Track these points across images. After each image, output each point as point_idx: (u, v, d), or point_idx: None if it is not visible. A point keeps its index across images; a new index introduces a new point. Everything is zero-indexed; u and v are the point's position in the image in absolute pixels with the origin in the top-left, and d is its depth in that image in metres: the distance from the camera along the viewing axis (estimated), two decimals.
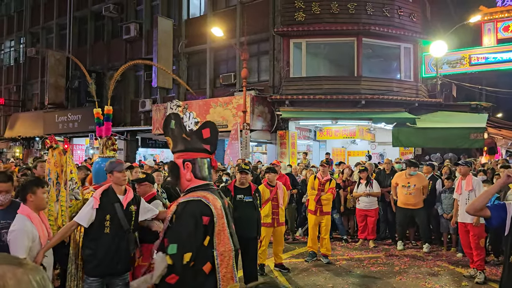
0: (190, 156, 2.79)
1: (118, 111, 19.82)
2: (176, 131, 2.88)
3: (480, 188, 6.46)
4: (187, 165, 2.74)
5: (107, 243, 3.65)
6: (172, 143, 2.88)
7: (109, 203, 3.70)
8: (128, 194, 3.87)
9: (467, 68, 15.49)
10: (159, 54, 17.05)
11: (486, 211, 2.84)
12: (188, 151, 2.81)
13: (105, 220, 3.66)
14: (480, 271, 6.30)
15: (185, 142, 2.85)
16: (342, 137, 16.41)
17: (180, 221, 2.55)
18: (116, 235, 3.69)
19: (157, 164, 12.21)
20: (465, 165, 6.72)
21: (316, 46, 15.67)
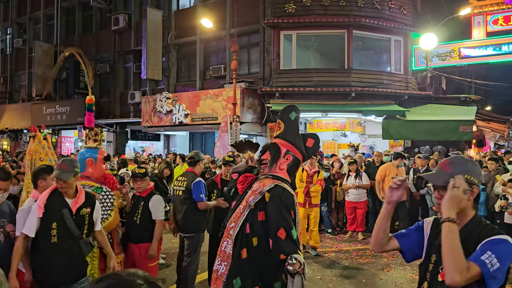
0: (293, 152, 3.00)
1: (107, 103, 19.65)
2: (294, 123, 3.08)
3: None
4: (288, 157, 2.97)
5: (55, 253, 3.27)
6: (283, 128, 3.05)
7: (55, 209, 3.31)
8: (79, 196, 3.45)
9: (457, 61, 15.53)
10: (148, 45, 16.86)
11: (393, 243, 2.14)
12: (295, 146, 3.02)
13: (51, 228, 3.28)
14: None
15: (296, 137, 3.05)
16: (332, 130, 16.40)
17: (282, 208, 2.75)
18: (66, 244, 3.31)
19: (147, 157, 12.11)
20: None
21: (306, 38, 15.59)
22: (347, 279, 6.06)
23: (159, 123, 16.18)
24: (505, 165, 8.09)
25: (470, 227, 1.88)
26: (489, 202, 7.44)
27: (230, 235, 2.84)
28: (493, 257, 1.70)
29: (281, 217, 2.72)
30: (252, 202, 2.81)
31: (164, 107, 15.83)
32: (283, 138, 3.01)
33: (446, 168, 1.95)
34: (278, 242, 2.67)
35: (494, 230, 1.84)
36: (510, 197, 6.89)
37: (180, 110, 15.42)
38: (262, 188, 2.81)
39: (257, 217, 2.79)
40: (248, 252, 2.75)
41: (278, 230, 2.68)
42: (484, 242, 1.77)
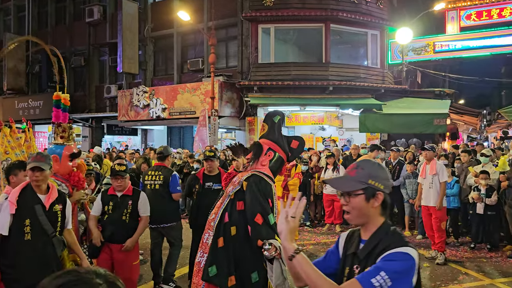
0: (275, 149, 3.11)
1: (82, 97, 19.23)
2: (277, 125, 3.20)
3: (443, 172, 6.60)
4: (269, 153, 3.09)
5: (28, 252, 3.18)
6: (267, 130, 3.19)
7: (27, 205, 3.22)
8: (52, 192, 3.37)
9: (431, 55, 15.82)
10: (124, 38, 16.54)
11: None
12: (277, 144, 3.14)
13: (24, 225, 3.17)
14: (440, 253, 6.50)
15: (279, 137, 3.18)
16: (310, 123, 16.50)
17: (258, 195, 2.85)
18: (39, 241, 3.23)
19: (122, 152, 11.92)
20: (430, 150, 6.82)
21: (284, 32, 15.59)
22: None
23: (136, 118, 15.95)
24: (477, 157, 8.30)
25: (377, 236, 1.71)
26: (462, 193, 7.63)
27: (211, 226, 2.92)
28: (386, 278, 1.51)
29: (257, 203, 2.81)
30: (231, 192, 2.93)
31: (141, 101, 15.60)
32: (266, 138, 3.15)
33: (351, 172, 1.79)
34: (256, 227, 2.75)
35: (400, 241, 1.66)
36: (482, 188, 7.09)
37: (158, 104, 15.22)
38: (240, 178, 2.95)
39: (236, 206, 2.89)
40: (224, 241, 2.84)
41: (255, 216, 2.77)
42: (383, 257, 1.59)
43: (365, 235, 1.76)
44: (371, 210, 1.74)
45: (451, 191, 7.55)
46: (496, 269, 6.16)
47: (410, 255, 1.58)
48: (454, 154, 9.08)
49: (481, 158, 7.72)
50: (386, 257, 1.58)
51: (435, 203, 6.52)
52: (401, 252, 1.59)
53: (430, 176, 6.66)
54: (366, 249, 1.71)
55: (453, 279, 5.73)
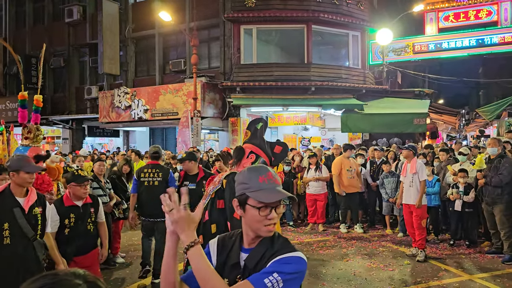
0: (258, 152, 3.12)
1: (62, 99, 18.93)
2: (259, 131, 3.25)
3: (423, 171, 6.71)
4: (251, 156, 3.10)
5: (8, 256, 3.12)
6: (250, 136, 3.24)
7: (5, 209, 3.16)
8: (31, 195, 3.31)
9: (411, 56, 16.09)
10: (104, 38, 16.35)
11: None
12: (259, 148, 3.15)
13: (2, 229, 3.12)
14: (421, 250, 6.61)
15: (261, 142, 3.21)
16: (293, 124, 16.59)
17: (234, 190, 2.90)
18: (19, 245, 3.17)
19: (103, 154, 11.77)
20: (407, 149, 6.94)
21: (266, 33, 15.64)
22: (308, 270, 6.14)
23: (117, 119, 15.76)
24: (455, 155, 8.46)
25: (263, 244, 1.60)
26: (441, 191, 7.78)
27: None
28: (279, 280, 1.47)
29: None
30: (212, 191, 2.99)
31: (123, 102, 15.43)
32: (248, 142, 3.21)
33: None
34: (234, 223, 2.78)
35: (289, 247, 1.60)
36: (460, 186, 7.24)
37: (139, 106, 15.08)
38: (221, 178, 3.03)
39: (216, 205, 2.97)
40: (204, 238, 2.89)
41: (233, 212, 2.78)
42: (276, 260, 1.53)
43: (248, 244, 1.65)
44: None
45: (433, 190, 7.68)
46: (475, 265, 6.30)
47: (303, 259, 1.57)
48: (434, 153, 9.25)
49: (459, 156, 7.88)
50: (280, 261, 1.53)
51: (415, 201, 6.64)
52: (295, 256, 1.55)
53: (410, 175, 6.77)
54: (254, 259, 1.59)
55: (433, 276, 5.83)
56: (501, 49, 15.04)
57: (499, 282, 5.51)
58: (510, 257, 6.37)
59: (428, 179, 7.59)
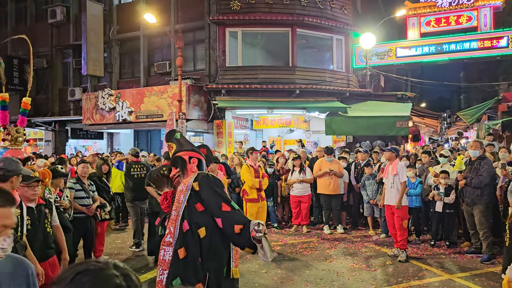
0: (195, 155, 3.25)
1: (45, 100, 18.65)
2: (182, 139, 3.39)
3: (403, 172, 6.83)
4: (193, 161, 3.21)
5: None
6: (176, 146, 3.34)
7: None
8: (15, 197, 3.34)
9: (394, 60, 16.33)
10: (88, 40, 16.17)
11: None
12: (193, 151, 3.30)
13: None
14: (402, 250, 6.70)
15: (192, 146, 3.38)
16: (278, 126, 16.65)
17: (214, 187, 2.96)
18: None
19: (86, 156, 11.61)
20: (389, 151, 7.04)
21: (252, 36, 15.69)
22: (292, 271, 6.19)
23: (101, 121, 15.59)
24: (437, 157, 8.61)
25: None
26: (423, 193, 7.91)
27: (166, 242, 2.88)
28: None
29: (217, 194, 2.89)
30: (185, 200, 2.91)
31: (107, 104, 15.28)
32: (179, 151, 3.28)
33: None
34: (226, 215, 2.80)
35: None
36: (441, 187, 7.37)
37: (124, 107, 14.94)
38: (187, 184, 2.96)
39: (196, 210, 2.89)
40: (187, 250, 2.80)
41: (221, 206, 2.83)
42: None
43: None
44: None
45: (415, 191, 7.79)
46: (455, 265, 6.41)
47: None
48: (416, 155, 9.40)
49: (440, 158, 8.02)
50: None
51: (396, 202, 6.73)
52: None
53: (391, 176, 6.86)
54: None
55: (414, 276, 5.92)
56: (481, 53, 15.37)
57: (478, 281, 5.63)
58: (488, 257, 6.50)
59: (411, 181, 7.71)
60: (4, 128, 4.33)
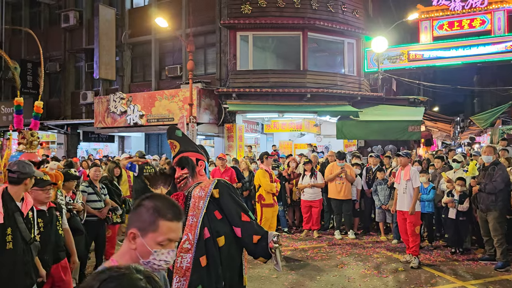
0: (201, 157, 3.18)
1: (57, 104, 18.91)
2: (184, 137, 3.27)
3: (416, 178, 6.77)
4: (201, 163, 3.13)
5: (11, 260, 3.16)
6: (179, 145, 3.19)
7: (9, 214, 3.21)
8: (27, 199, 3.40)
9: (406, 63, 16.22)
10: (101, 44, 16.37)
11: None
12: (198, 152, 3.20)
13: (6, 234, 3.17)
14: (415, 257, 6.64)
15: (196, 147, 3.26)
16: (289, 130, 16.64)
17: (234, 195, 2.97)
18: (19, 249, 3.24)
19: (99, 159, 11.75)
20: (405, 156, 6.98)
21: (263, 40, 15.73)
22: (303, 276, 6.18)
23: (113, 124, 15.75)
24: (449, 163, 8.53)
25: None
26: (435, 198, 7.83)
27: (184, 249, 2.82)
28: None
29: (237, 203, 2.89)
30: (204, 207, 2.85)
31: (118, 107, 15.43)
32: (187, 151, 3.16)
33: None
34: (246, 225, 2.81)
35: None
36: (456, 194, 7.26)
37: (135, 111, 15.08)
38: (206, 190, 2.90)
39: (215, 217, 2.84)
40: (208, 258, 2.77)
41: (241, 215, 2.83)
42: None
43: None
44: None
45: (427, 197, 7.71)
46: (468, 272, 6.33)
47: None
48: (429, 160, 9.32)
49: (453, 163, 7.94)
50: None
51: (409, 208, 6.68)
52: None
53: (404, 182, 6.81)
54: None
55: (426, 282, 5.86)
56: (495, 57, 15.20)
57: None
58: (503, 264, 6.41)
59: (424, 186, 7.64)
60: (19, 132, 4.41)
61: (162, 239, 1.54)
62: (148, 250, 1.54)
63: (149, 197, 1.61)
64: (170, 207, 1.58)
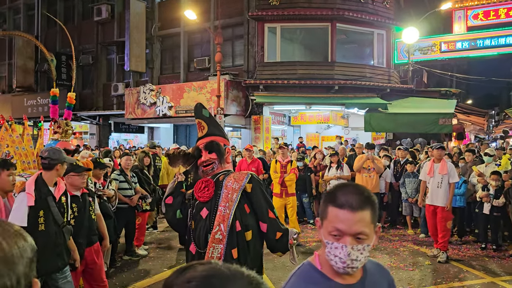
0: (228, 144, 3.12)
1: (89, 95, 19.44)
2: (211, 118, 3.15)
3: (454, 173, 6.57)
4: (228, 150, 3.08)
5: (43, 241, 3.25)
6: (207, 127, 3.08)
7: (41, 197, 3.36)
8: (60, 185, 3.56)
9: (438, 55, 15.80)
10: (131, 37, 16.70)
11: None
12: (224, 137, 3.13)
13: (38, 216, 3.32)
14: (443, 251, 6.52)
15: (222, 130, 3.18)
16: (316, 122, 16.56)
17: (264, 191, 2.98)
18: (52, 231, 3.38)
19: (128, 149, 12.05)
20: (441, 148, 6.74)
21: (290, 31, 15.65)
22: None
23: (142, 115, 16.10)
24: (481, 156, 8.31)
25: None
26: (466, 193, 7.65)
27: (216, 239, 2.78)
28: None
29: (267, 200, 2.94)
30: (237, 200, 2.85)
31: (148, 99, 15.75)
32: (215, 134, 3.06)
33: None
34: (272, 222, 2.87)
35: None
36: (492, 188, 7.05)
37: (164, 102, 15.36)
38: (240, 184, 2.88)
39: (245, 211, 2.87)
40: (239, 251, 2.79)
41: (268, 212, 2.89)
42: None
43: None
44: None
45: (458, 191, 7.52)
46: (498, 268, 6.19)
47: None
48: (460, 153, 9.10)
49: (485, 157, 7.73)
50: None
51: (443, 203, 6.46)
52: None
53: (439, 176, 6.56)
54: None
55: (454, 277, 5.77)
56: None
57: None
58: None
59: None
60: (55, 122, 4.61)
61: (331, 228, 1.36)
62: (323, 241, 1.41)
63: (337, 184, 1.46)
64: (345, 194, 1.37)
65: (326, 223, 1.39)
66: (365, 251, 1.36)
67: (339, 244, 1.35)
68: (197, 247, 2.86)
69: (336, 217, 1.35)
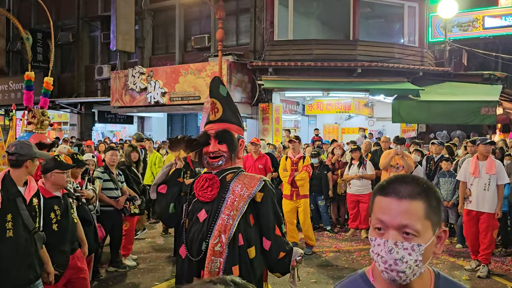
0: (242, 135, 3.02)
1: (70, 79, 19.56)
2: (229, 98, 3.04)
3: (504, 173, 6.46)
4: (241, 142, 2.98)
5: (11, 250, 3.28)
6: (222, 111, 2.96)
7: (9, 199, 3.33)
8: (31, 184, 3.53)
9: (480, 32, 15.67)
10: (118, 10, 16.72)
11: None
12: (240, 126, 3.04)
13: (5, 221, 3.29)
14: (483, 265, 6.47)
15: (239, 118, 3.06)
16: (335, 112, 16.53)
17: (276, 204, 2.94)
18: (21, 238, 3.35)
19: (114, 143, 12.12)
20: (489, 144, 6.56)
21: (305, 4, 15.58)
22: None
23: (131, 103, 16.17)
24: None
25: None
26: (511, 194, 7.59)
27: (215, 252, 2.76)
28: None
29: (276, 216, 2.92)
30: (243, 209, 2.80)
31: (138, 84, 15.80)
32: (229, 121, 2.97)
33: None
34: (278, 240, 2.87)
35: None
36: None
37: (156, 88, 15.40)
38: (250, 191, 2.84)
39: (249, 223, 2.84)
40: (240, 269, 2.76)
41: (275, 229, 2.88)
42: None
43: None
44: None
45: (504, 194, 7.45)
46: None
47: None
48: (503, 149, 9.03)
49: None
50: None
51: (491, 209, 6.34)
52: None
53: (487, 176, 6.41)
54: None
55: None
56: None
57: None
58: None
59: None
60: (29, 111, 4.63)
61: (374, 221, 1.33)
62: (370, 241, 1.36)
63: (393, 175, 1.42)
64: (395, 182, 1.34)
65: (372, 218, 1.36)
66: (415, 252, 1.27)
67: (381, 240, 1.30)
68: (188, 252, 2.83)
69: (380, 206, 1.32)
